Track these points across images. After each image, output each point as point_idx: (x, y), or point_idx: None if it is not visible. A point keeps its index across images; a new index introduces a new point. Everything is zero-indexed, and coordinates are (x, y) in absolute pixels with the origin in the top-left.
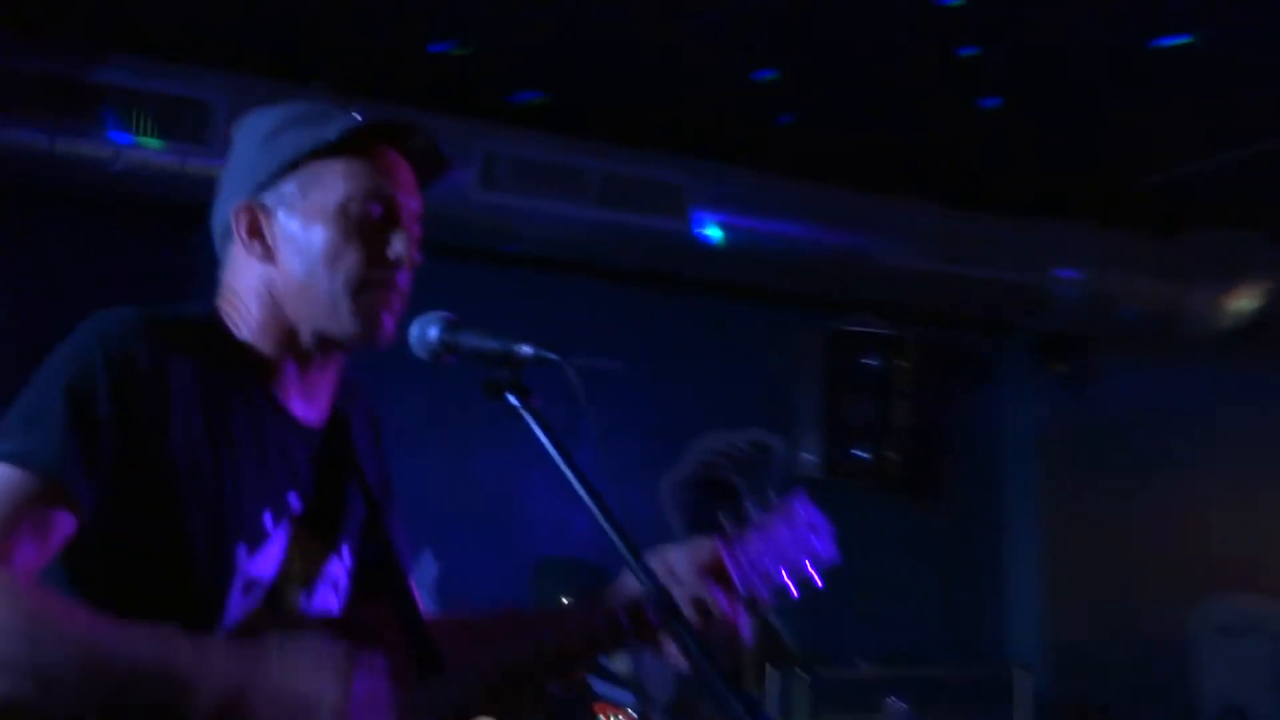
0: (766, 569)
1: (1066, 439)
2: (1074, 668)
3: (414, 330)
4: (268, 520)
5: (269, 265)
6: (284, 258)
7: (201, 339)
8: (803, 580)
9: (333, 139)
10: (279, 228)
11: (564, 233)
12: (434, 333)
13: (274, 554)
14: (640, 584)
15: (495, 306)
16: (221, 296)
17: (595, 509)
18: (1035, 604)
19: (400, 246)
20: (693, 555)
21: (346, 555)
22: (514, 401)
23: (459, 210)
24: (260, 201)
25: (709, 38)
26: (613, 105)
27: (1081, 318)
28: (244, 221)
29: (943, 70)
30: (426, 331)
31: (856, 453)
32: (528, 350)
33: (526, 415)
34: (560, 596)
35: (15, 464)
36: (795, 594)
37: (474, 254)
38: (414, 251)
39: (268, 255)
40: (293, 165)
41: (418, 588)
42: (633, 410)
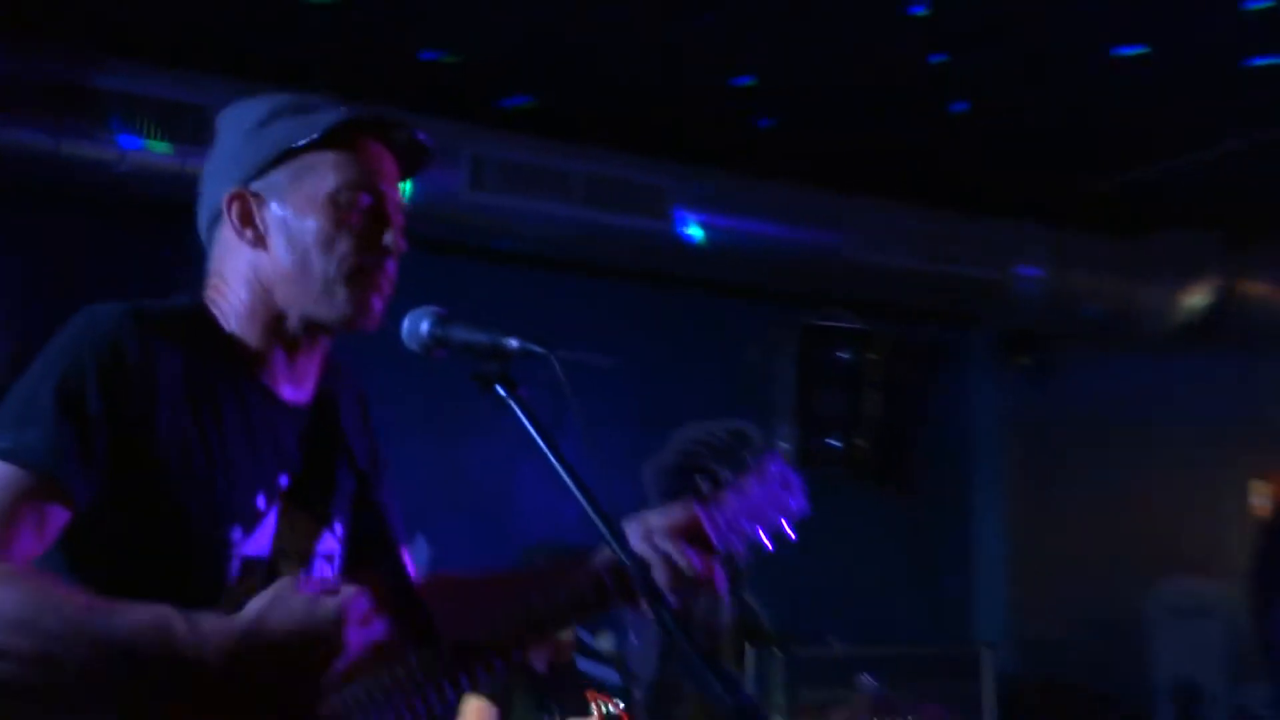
0: (741, 526)
1: (1030, 428)
2: (1036, 646)
3: (406, 324)
4: (260, 502)
5: (260, 251)
6: (275, 244)
7: (189, 329)
8: (776, 534)
9: (325, 130)
10: (271, 215)
11: (550, 232)
12: (426, 326)
13: (268, 533)
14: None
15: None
16: (209, 285)
17: (580, 495)
18: (1000, 586)
19: (389, 235)
20: (669, 518)
21: (339, 528)
22: (502, 393)
23: (449, 210)
24: (251, 189)
25: (690, 45)
26: (597, 110)
27: (1044, 313)
28: (235, 208)
29: (913, 77)
30: (419, 325)
31: (829, 442)
32: (515, 344)
33: (514, 406)
34: None
35: (9, 460)
36: (770, 547)
37: (464, 252)
38: (401, 240)
39: (259, 241)
40: (285, 155)
41: (412, 559)
42: (616, 401)
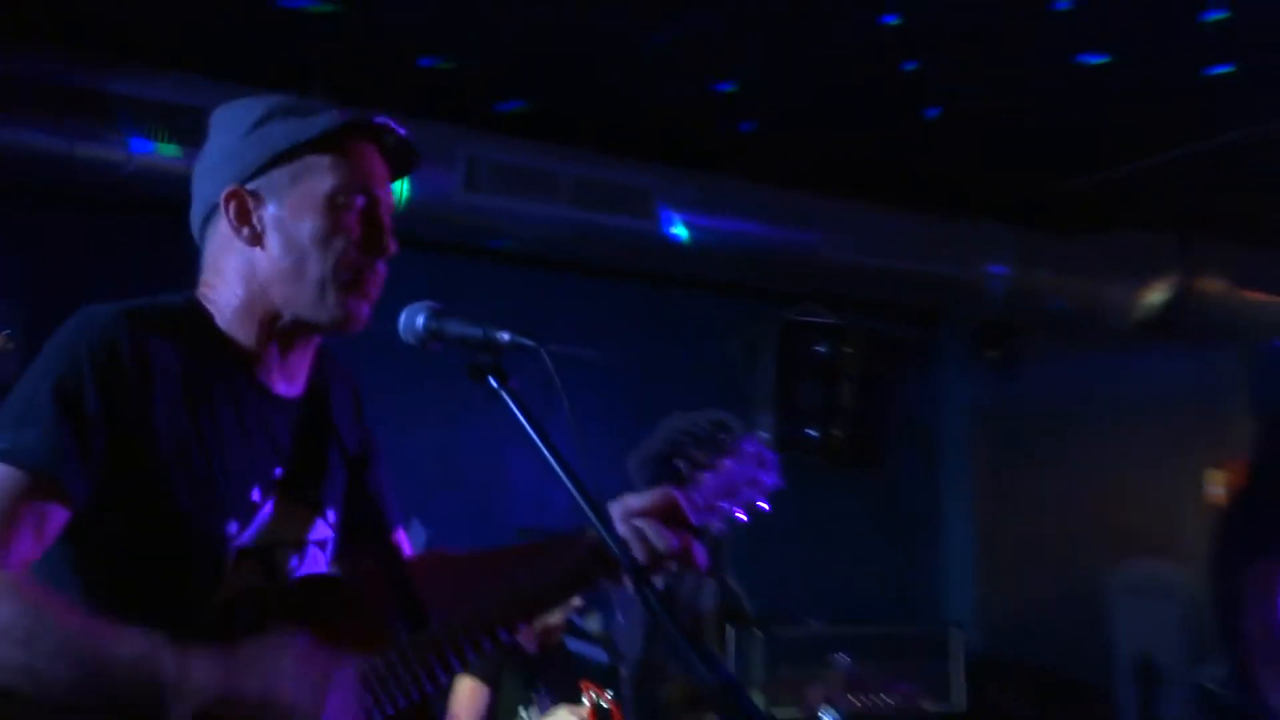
0: (718, 504)
1: (997, 419)
2: (1003, 625)
3: (403, 318)
4: (256, 495)
5: (256, 249)
6: (271, 243)
7: (183, 327)
8: (752, 509)
9: (323, 133)
10: (267, 214)
11: (541, 231)
12: (421, 321)
13: (263, 524)
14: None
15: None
16: (202, 282)
17: (568, 482)
18: (969, 568)
19: (382, 238)
20: (646, 500)
21: (331, 516)
22: (494, 384)
23: (444, 210)
24: (249, 188)
25: (675, 53)
26: (586, 114)
27: (1010, 309)
28: (233, 206)
29: (887, 83)
30: (414, 320)
31: (807, 431)
32: (506, 337)
33: (505, 396)
34: None
35: (8, 461)
36: (745, 520)
37: (458, 250)
38: (392, 242)
39: (255, 240)
40: (282, 156)
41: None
42: (604, 392)
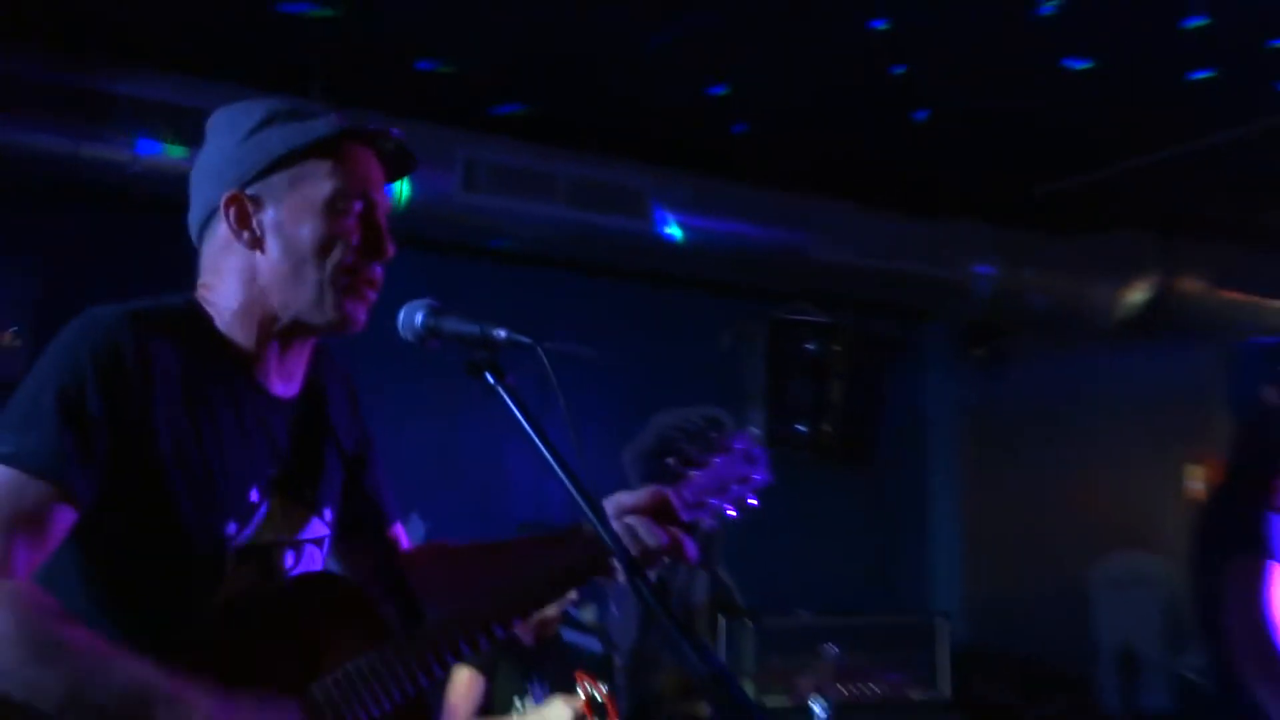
0: (707, 500)
1: (983, 415)
2: (988, 616)
3: (402, 316)
4: (254, 495)
5: (256, 253)
6: (271, 247)
7: (183, 329)
8: (742, 506)
9: (322, 138)
10: (267, 218)
11: (538, 231)
12: (420, 318)
13: (262, 524)
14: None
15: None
16: (200, 284)
17: (564, 476)
18: (955, 560)
19: (380, 241)
20: (637, 497)
21: (328, 514)
22: (490, 380)
23: (443, 210)
24: (248, 193)
25: (669, 57)
26: (582, 117)
27: (995, 308)
28: (234, 210)
29: (876, 87)
30: (413, 317)
31: (797, 427)
32: (502, 334)
33: (502, 392)
34: None
35: (14, 466)
36: (735, 514)
37: (457, 249)
38: (390, 246)
39: (255, 244)
40: (281, 160)
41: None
42: (598, 388)
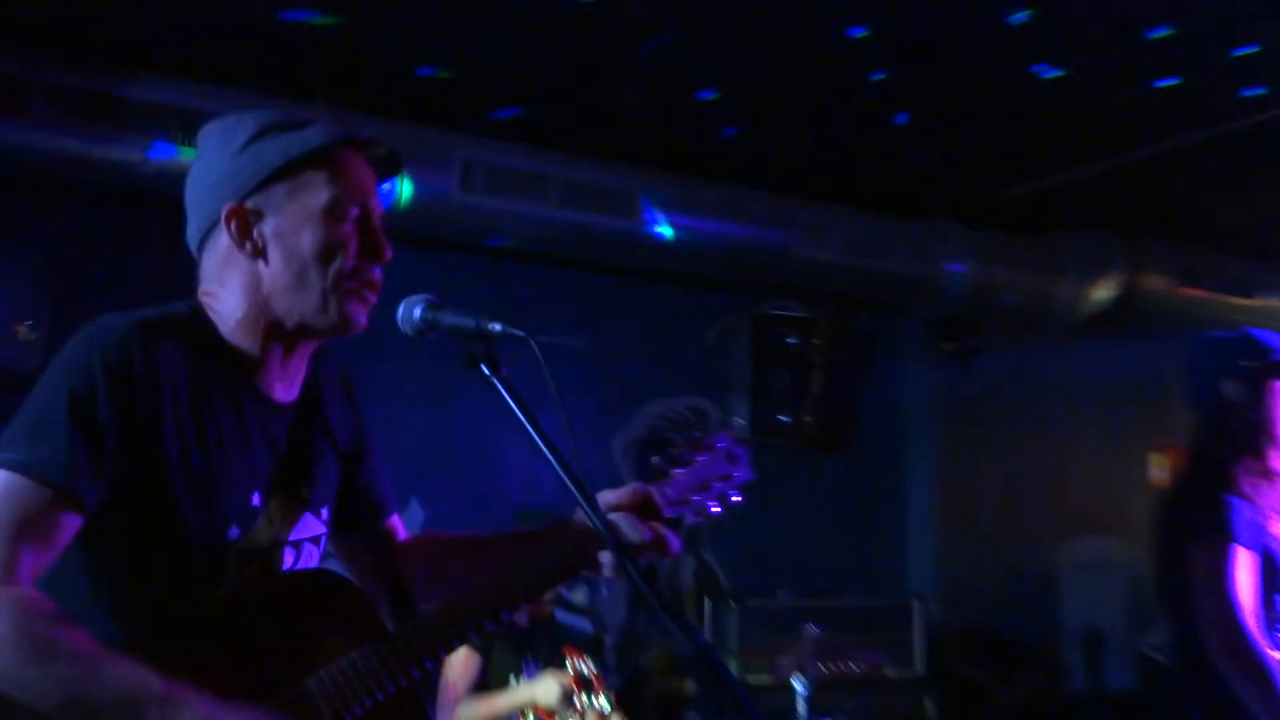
0: (690, 498)
1: (956, 406)
2: (961, 597)
3: (401, 310)
4: (256, 500)
5: (259, 263)
6: (274, 256)
7: (189, 337)
8: (723, 501)
9: (316, 149)
10: (268, 228)
11: (533, 230)
12: (418, 312)
13: (261, 525)
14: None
15: (473, 293)
16: (203, 291)
17: (556, 464)
18: (929, 545)
19: (378, 245)
20: (621, 495)
21: (325, 513)
22: (485, 371)
23: (442, 210)
24: (248, 204)
25: (659, 63)
26: (575, 120)
27: (967, 304)
28: (234, 224)
29: (857, 93)
30: (412, 311)
31: (779, 417)
32: (497, 327)
33: (497, 383)
34: None
35: (24, 474)
36: (717, 511)
37: (455, 247)
38: (387, 248)
39: (258, 254)
40: (278, 172)
41: (403, 525)
42: (590, 380)
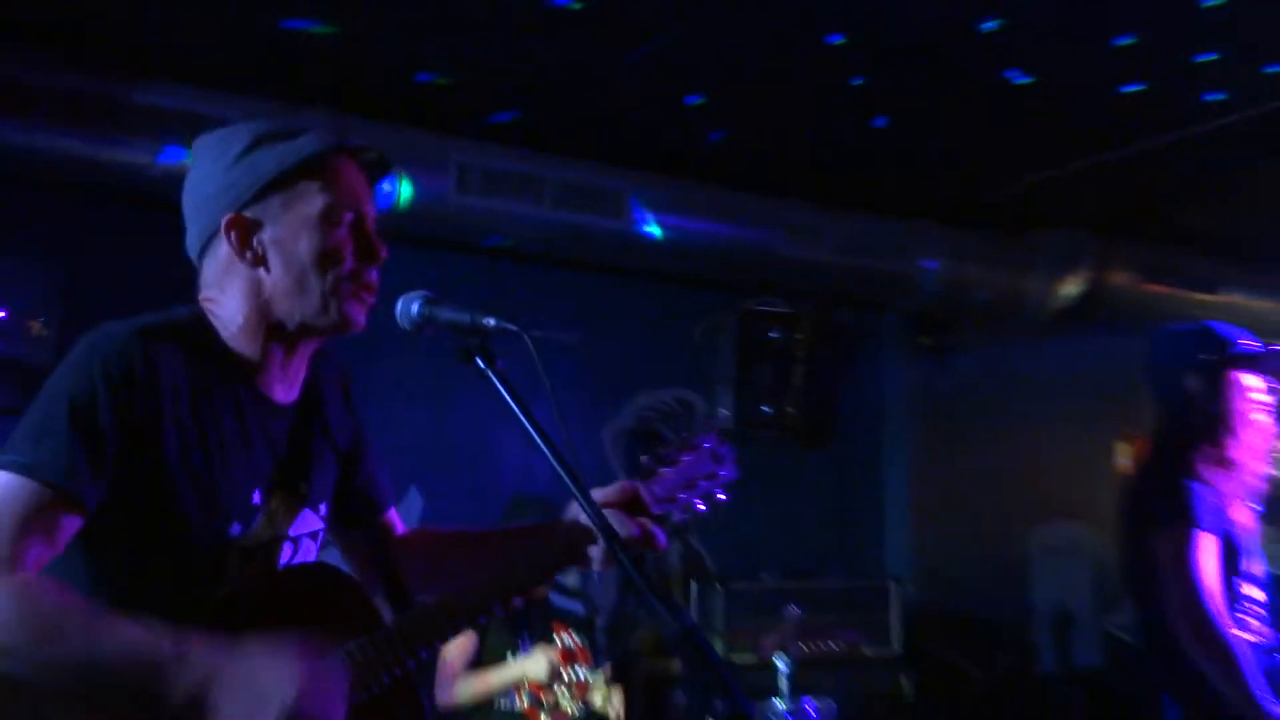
0: (676, 496)
1: (932, 397)
2: (936, 580)
3: (399, 306)
4: (256, 498)
5: (259, 270)
6: (274, 263)
7: (190, 341)
8: (708, 499)
9: (310, 158)
10: (267, 237)
11: (527, 230)
12: (415, 308)
13: (262, 522)
14: (586, 515)
15: (471, 290)
16: (204, 297)
17: (550, 454)
18: (906, 529)
19: (373, 247)
20: (612, 492)
21: (323, 509)
22: (481, 365)
23: (439, 211)
24: (247, 214)
25: (649, 68)
26: (568, 124)
27: (942, 300)
28: (234, 233)
29: (837, 97)
30: (409, 307)
31: (763, 409)
32: (492, 322)
33: (492, 376)
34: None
35: (27, 475)
36: (704, 510)
37: (452, 247)
38: (382, 249)
39: (258, 261)
40: (274, 181)
41: (401, 517)
42: (582, 373)
